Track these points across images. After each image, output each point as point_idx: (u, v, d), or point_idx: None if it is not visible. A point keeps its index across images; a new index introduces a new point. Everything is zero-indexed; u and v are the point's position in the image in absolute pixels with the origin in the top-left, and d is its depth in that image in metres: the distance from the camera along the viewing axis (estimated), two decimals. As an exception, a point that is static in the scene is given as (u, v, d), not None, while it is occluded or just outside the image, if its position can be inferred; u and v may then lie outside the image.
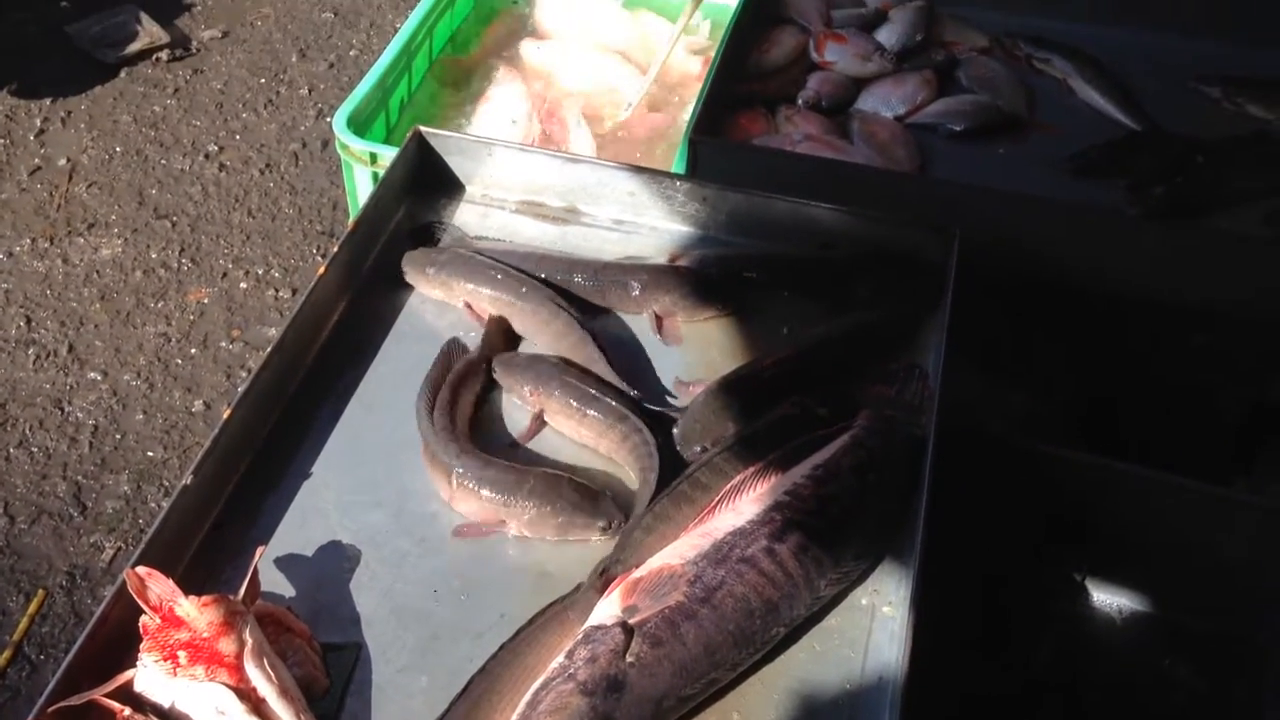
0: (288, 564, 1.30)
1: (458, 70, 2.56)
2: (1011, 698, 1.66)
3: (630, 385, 1.46)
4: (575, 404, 1.42)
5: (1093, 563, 1.71)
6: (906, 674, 1.14)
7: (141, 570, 1.12)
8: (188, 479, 1.26)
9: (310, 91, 3.79)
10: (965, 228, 1.57)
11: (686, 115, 2.13)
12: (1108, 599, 1.72)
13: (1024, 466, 1.62)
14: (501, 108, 2.38)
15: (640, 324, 1.60)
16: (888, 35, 2.44)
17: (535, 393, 1.45)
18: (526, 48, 2.57)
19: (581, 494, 1.32)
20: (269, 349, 1.41)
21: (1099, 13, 2.46)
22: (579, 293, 1.61)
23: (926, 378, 1.47)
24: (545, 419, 1.45)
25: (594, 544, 1.31)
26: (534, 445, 1.45)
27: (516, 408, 1.48)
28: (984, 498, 1.53)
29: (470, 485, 1.33)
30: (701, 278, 1.59)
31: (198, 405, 2.81)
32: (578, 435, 1.43)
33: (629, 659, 1.11)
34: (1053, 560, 1.71)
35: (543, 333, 1.54)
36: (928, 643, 1.15)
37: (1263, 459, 2.06)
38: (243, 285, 3.13)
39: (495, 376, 1.50)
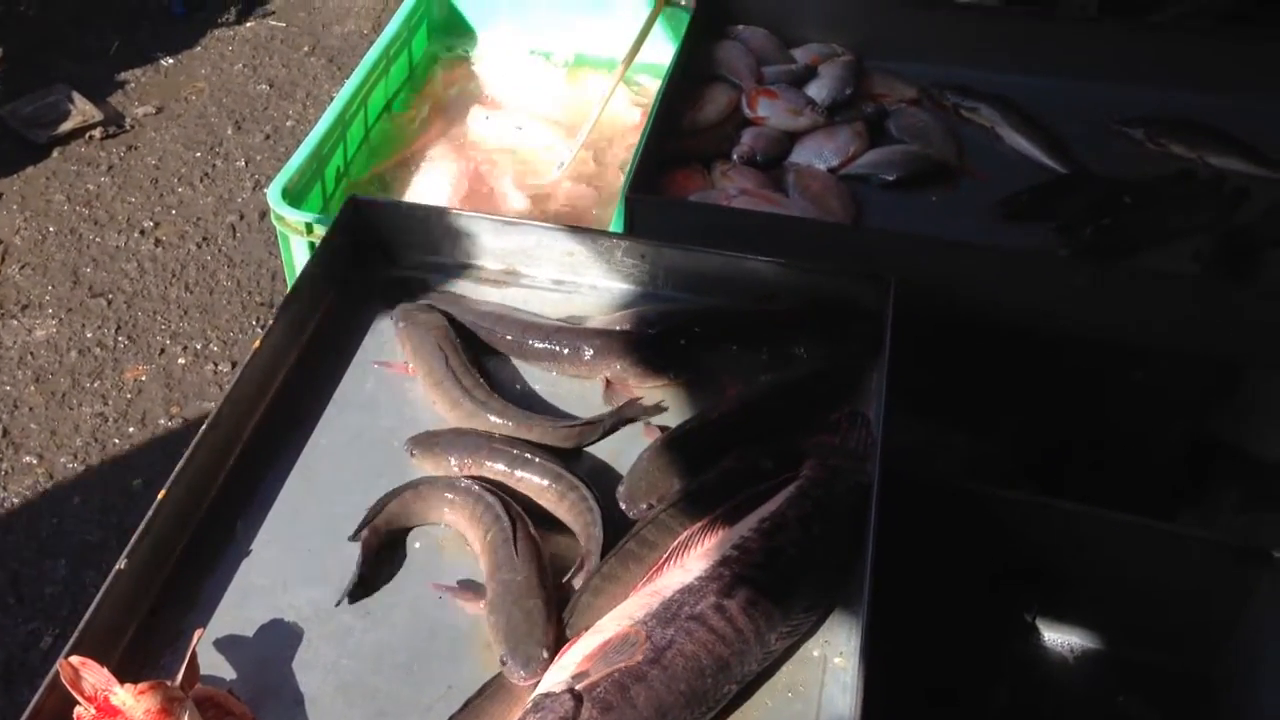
0: (228, 645, 1.26)
1: (398, 140, 2.56)
2: (969, 743, 1.65)
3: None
4: (506, 468, 1.41)
5: (1042, 602, 1.71)
6: (861, 725, 1.13)
7: (75, 660, 1.09)
8: (121, 563, 1.23)
9: (247, 163, 3.78)
10: (901, 275, 1.58)
11: (624, 173, 2.13)
12: (1059, 638, 1.72)
13: (970, 509, 1.62)
14: (438, 174, 2.38)
15: (593, 387, 1.59)
16: (818, 89, 2.47)
17: (463, 464, 1.42)
18: (474, 117, 2.56)
19: (523, 623, 1.21)
20: (203, 426, 1.39)
21: (1022, 63, 2.51)
22: (531, 356, 1.61)
23: (869, 425, 1.47)
24: None
25: (542, 609, 1.28)
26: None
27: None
28: (931, 542, 1.53)
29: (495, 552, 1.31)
30: (654, 346, 1.59)
31: (137, 484, 2.75)
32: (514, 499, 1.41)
33: (580, 726, 1.09)
34: (1003, 602, 1.71)
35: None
36: (881, 692, 1.14)
37: (1206, 492, 2.08)
38: (181, 361, 3.08)
39: (415, 458, 1.46)
